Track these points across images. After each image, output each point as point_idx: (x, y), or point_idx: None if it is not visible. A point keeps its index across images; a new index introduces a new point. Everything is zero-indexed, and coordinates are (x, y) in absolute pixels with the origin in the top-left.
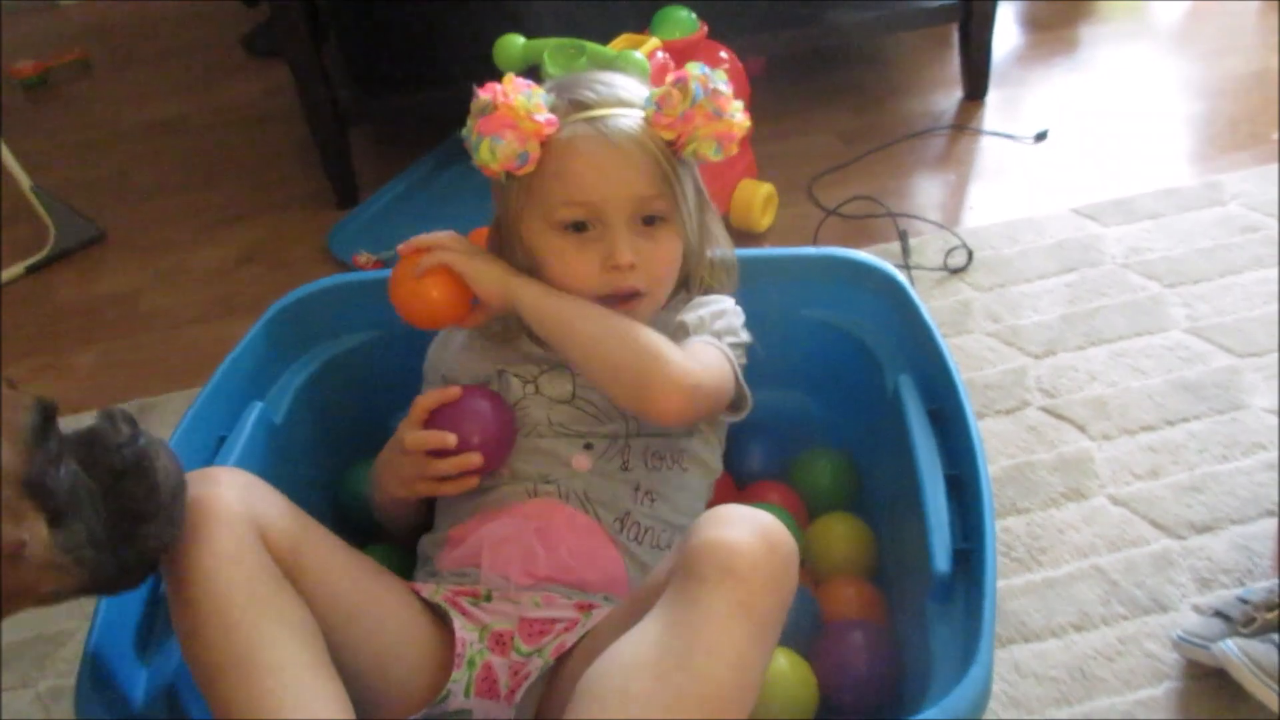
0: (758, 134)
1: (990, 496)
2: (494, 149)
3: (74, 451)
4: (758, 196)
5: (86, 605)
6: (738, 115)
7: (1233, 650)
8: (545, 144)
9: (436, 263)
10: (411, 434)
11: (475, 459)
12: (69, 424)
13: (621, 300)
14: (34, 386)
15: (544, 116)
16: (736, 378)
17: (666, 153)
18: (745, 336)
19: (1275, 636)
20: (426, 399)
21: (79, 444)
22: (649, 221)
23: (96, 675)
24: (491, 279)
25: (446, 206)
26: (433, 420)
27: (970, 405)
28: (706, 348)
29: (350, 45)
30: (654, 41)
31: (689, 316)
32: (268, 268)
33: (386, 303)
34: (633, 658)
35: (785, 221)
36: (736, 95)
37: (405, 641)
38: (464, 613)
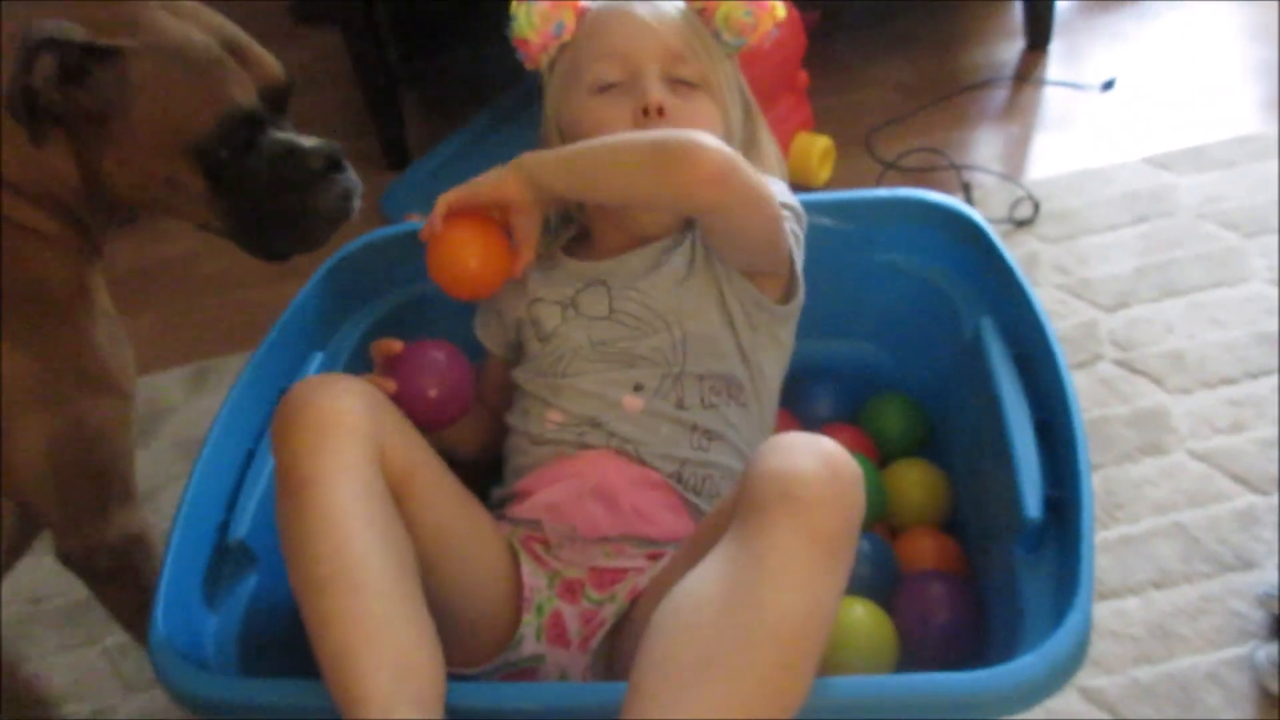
0: (815, 87)
1: (1084, 440)
2: (530, 13)
3: (272, 150)
4: (815, 149)
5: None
6: None
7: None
8: (581, 17)
9: (440, 215)
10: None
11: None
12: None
13: None
14: None
15: None
16: (788, 237)
17: (699, 23)
18: (796, 202)
19: None
20: (376, 345)
21: (281, 149)
22: (682, 84)
23: (168, 622)
24: (489, 177)
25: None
26: (390, 370)
27: (1060, 350)
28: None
29: (400, 7)
30: None
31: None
32: None
33: None
34: (699, 593)
35: (843, 175)
36: (791, 47)
37: (487, 581)
38: (535, 558)
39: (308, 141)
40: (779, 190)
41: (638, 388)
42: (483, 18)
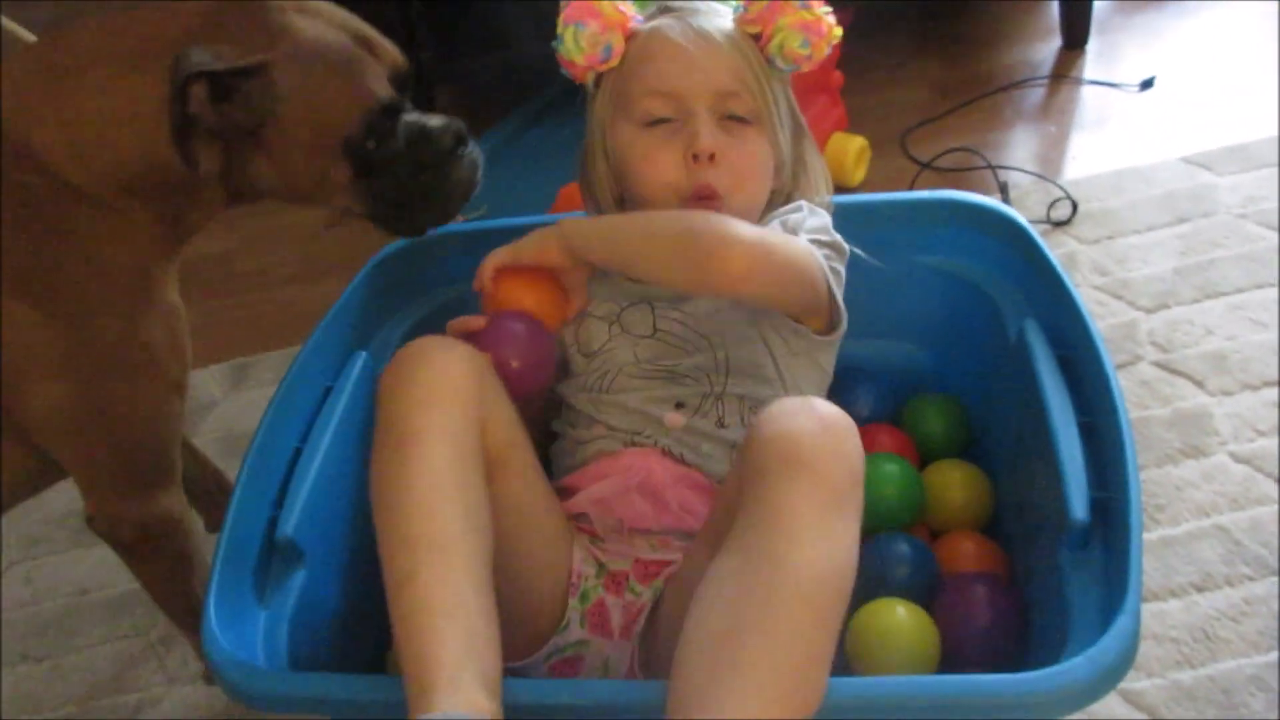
0: (849, 87)
1: (1132, 441)
2: (577, 36)
3: (407, 134)
4: (850, 150)
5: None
6: (827, 16)
7: None
8: (630, 39)
9: (489, 272)
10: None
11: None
12: None
13: (703, 200)
14: None
15: (628, 8)
16: (828, 281)
17: (755, 50)
18: (838, 237)
19: None
20: (453, 324)
21: (415, 132)
22: (734, 122)
23: (220, 617)
24: (533, 240)
25: (532, 165)
26: (472, 343)
27: (1106, 351)
28: (782, 232)
29: (435, 6)
30: None
31: (794, 220)
32: (355, 231)
33: (487, 253)
34: (722, 567)
35: (878, 175)
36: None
37: (547, 567)
38: (584, 547)
39: (433, 120)
40: (820, 225)
41: (679, 405)
42: (518, 19)
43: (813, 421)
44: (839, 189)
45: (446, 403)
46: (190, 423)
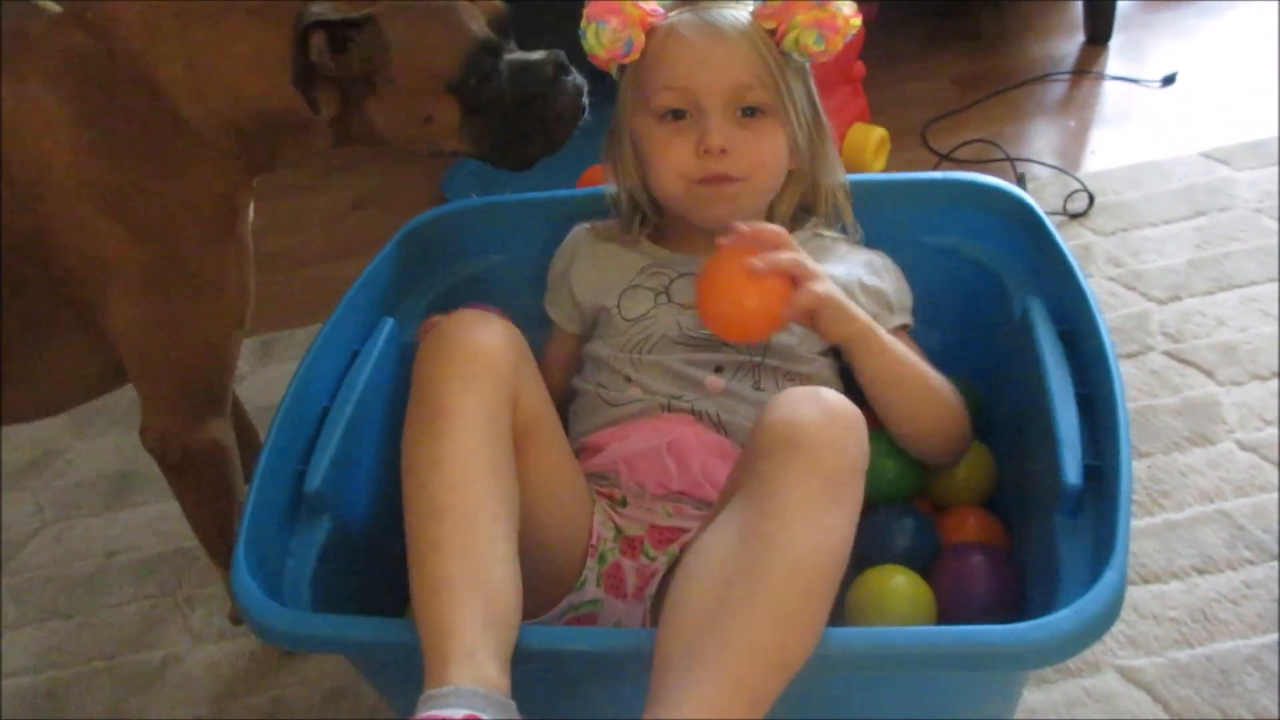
0: (870, 79)
1: (1125, 411)
2: (599, 33)
3: (510, 70)
4: (870, 141)
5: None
6: (844, 9)
7: None
8: (650, 33)
9: (780, 270)
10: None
11: None
12: None
13: (714, 183)
14: None
15: (649, 5)
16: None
17: (769, 44)
18: (910, 306)
19: None
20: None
21: (517, 67)
22: (749, 113)
23: (249, 558)
24: (811, 265)
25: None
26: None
27: (1105, 326)
28: (915, 348)
29: None
30: None
31: (888, 286)
32: (382, 212)
33: (514, 226)
34: (716, 539)
35: (897, 166)
36: (849, 39)
37: (570, 535)
38: (604, 511)
39: (535, 55)
40: (906, 290)
41: (719, 369)
42: (551, 7)
43: (817, 410)
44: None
45: (480, 379)
46: None
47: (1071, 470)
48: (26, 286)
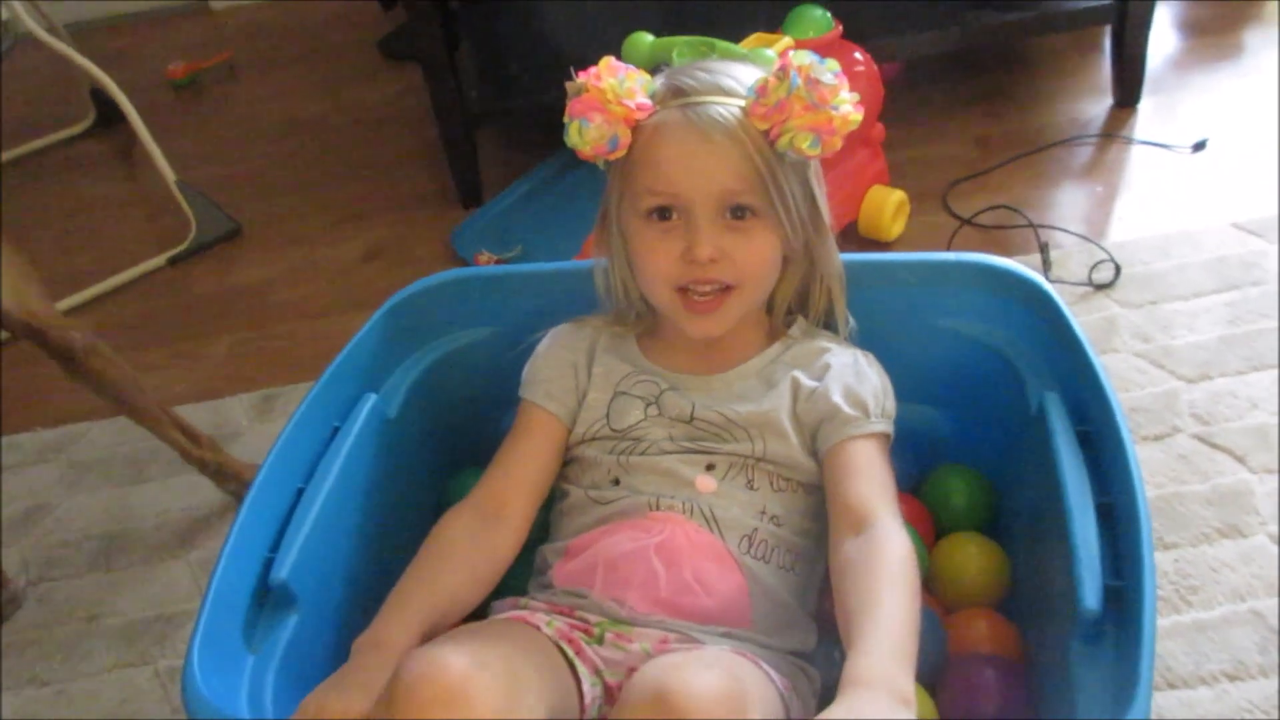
0: (892, 139)
1: (1149, 529)
2: (582, 131)
3: None
4: (889, 204)
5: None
6: (844, 108)
7: None
8: (637, 129)
9: None
10: None
11: None
12: (200, 410)
13: (702, 300)
14: (170, 373)
15: (635, 101)
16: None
17: (762, 145)
18: (891, 413)
19: None
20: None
21: None
22: (739, 213)
23: (204, 660)
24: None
25: (569, 208)
26: None
27: (1127, 428)
28: (887, 467)
29: (481, 48)
30: (786, 40)
31: (867, 391)
32: (392, 264)
33: (503, 298)
34: None
35: (917, 230)
36: (869, 100)
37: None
38: (579, 653)
39: None
40: (888, 391)
41: (710, 467)
42: (565, 64)
43: (710, 686)
44: (876, 243)
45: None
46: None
47: (1090, 594)
48: None
